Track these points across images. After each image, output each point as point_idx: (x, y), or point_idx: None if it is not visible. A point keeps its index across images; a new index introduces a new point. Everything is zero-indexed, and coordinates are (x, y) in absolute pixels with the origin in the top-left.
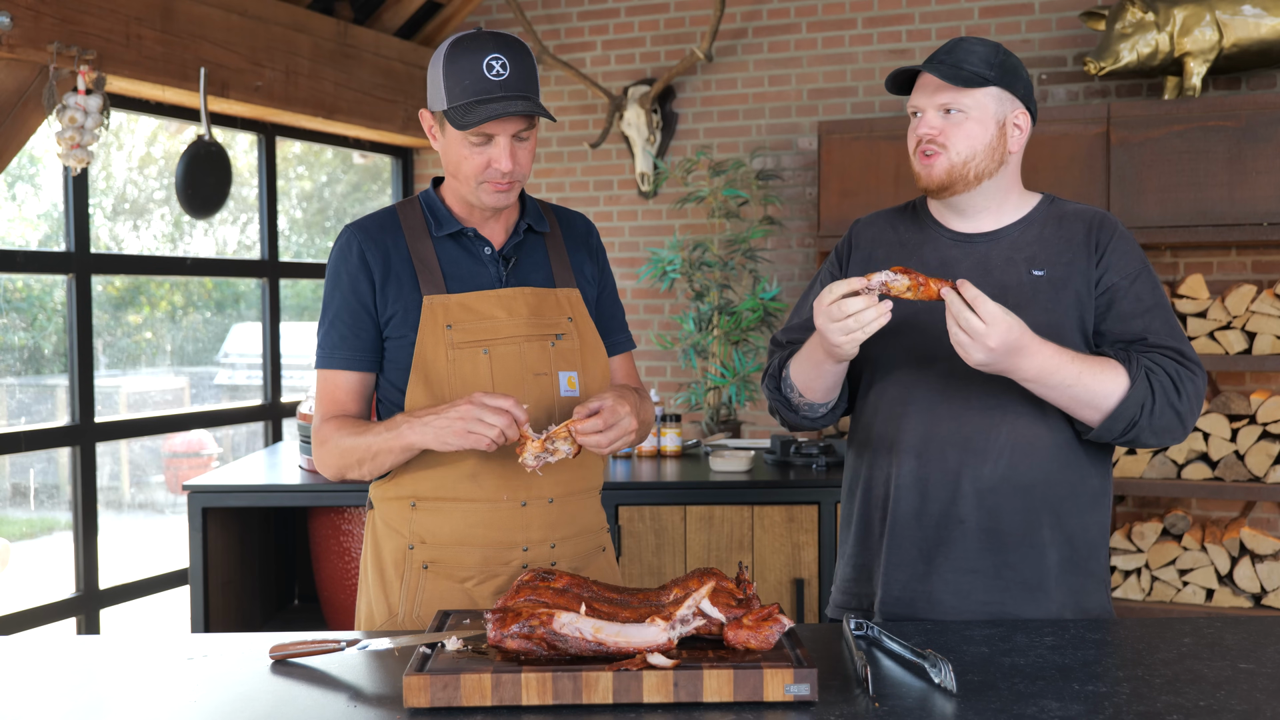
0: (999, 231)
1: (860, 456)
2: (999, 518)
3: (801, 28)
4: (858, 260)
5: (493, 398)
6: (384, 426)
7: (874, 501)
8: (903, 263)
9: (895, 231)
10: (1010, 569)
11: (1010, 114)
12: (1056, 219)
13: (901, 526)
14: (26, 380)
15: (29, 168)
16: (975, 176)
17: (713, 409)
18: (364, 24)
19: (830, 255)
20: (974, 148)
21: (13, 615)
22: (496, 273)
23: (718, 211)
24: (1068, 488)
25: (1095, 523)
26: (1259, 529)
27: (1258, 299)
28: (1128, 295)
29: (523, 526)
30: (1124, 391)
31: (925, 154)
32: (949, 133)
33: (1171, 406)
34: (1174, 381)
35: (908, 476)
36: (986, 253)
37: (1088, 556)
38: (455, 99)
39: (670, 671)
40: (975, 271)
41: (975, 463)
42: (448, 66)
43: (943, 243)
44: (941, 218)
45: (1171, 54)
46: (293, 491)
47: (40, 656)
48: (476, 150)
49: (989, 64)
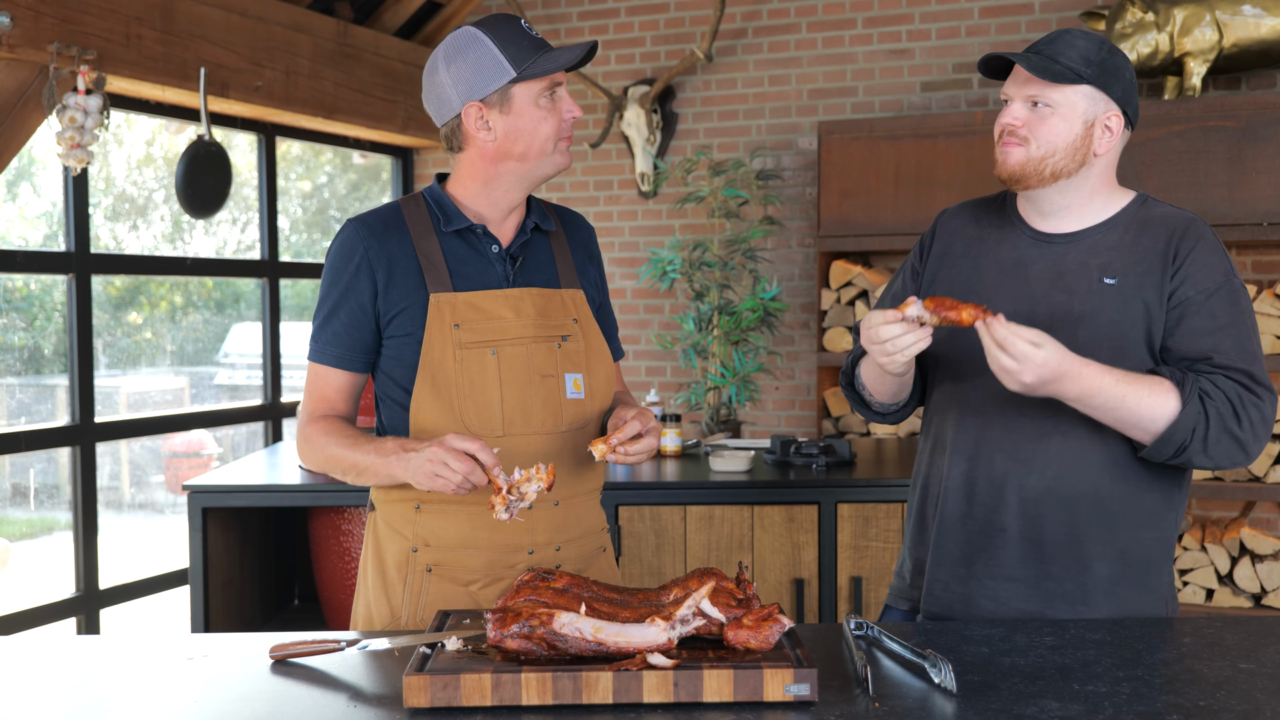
0: (1079, 234)
1: (924, 451)
2: (1041, 528)
3: (801, 28)
4: (937, 252)
5: (462, 440)
6: (374, 449)
7: (930, 498)
8: (977, 260)
9: (977, 225)
10: (1051, 580)
11: (1102, 115)
12: (1141, 224)
13: (947, 528)
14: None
15: (29, 168)
16: (1052, 174)
17: (713, 409)
18: (364, 24)
19: (916, 246)
20: (1055, 144)
21: (13, 615)
22: (504, 272)
23: (718, 211)
24: (1120, 502)
25: (1154, 538)
26: (1259, 529)
27: (1258, 299)
28: (1201, 311)
29: (528, 529)
30: (1173, 414)
31: (1005, 143)
32: (1032, 125)
33: (1229, 432)
34: (1234, 406)
35: (957, 479)
36: (1062, 255)
37: (1144, 572)
38: (523, 59)
39: (670, 671)
40: (1047, 274)
41: (1021, 471)
42: (496, 41)
43: (1022, 241)
44: (1025, 214)
45: (1171, 54)
46: (293, 491)
47: (40, 656)
48: (549, 108)
49: (1087, 60)
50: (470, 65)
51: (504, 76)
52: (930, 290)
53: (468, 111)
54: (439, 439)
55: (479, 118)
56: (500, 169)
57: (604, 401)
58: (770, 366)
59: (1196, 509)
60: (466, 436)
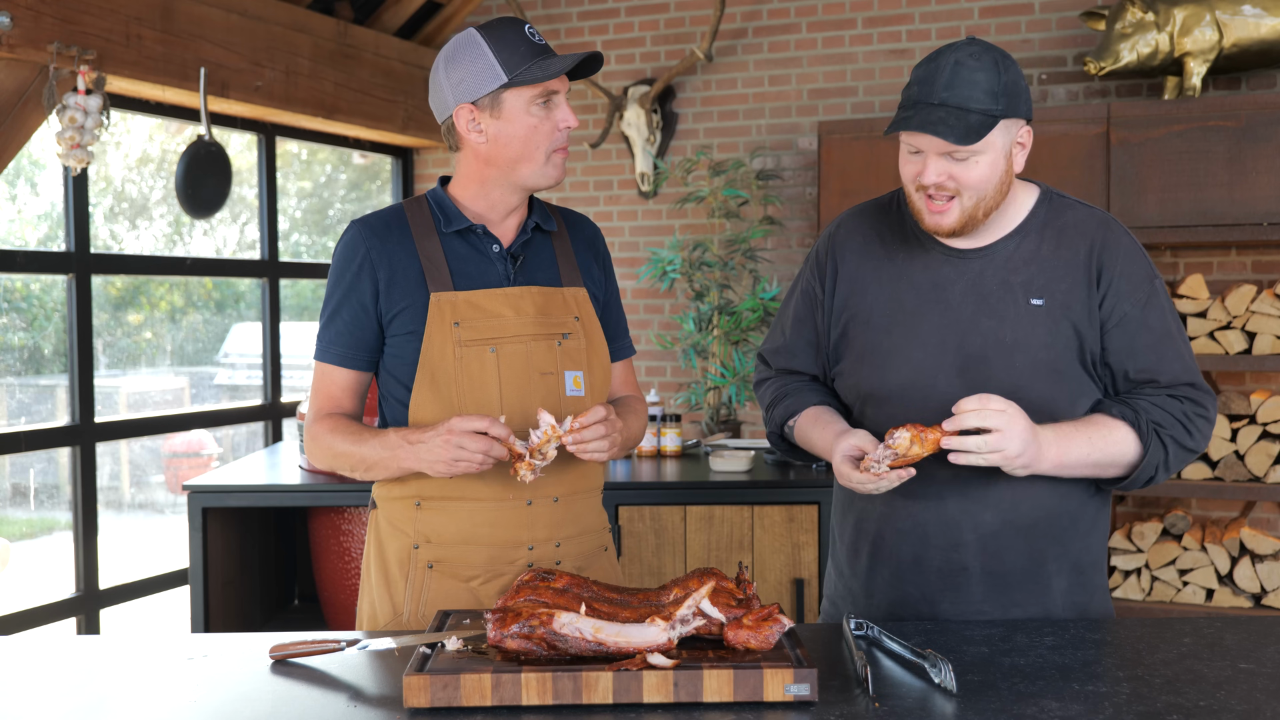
0: (994, 246)
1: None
2: (1003, 560)
3: (801, 28)
4: (845, 279)
5: (468, 420)
6: (379, 442)
7: (865, 533)
8: (893, 287)
9: (881, 243)
10: (1017, 606)
11: (1015, 136)
12: (1056, 231)
13: (904, 570)
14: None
15: (29, 168)
16: (985, 214)
17: (713, 409)
18: (364, 24)
19: (810, 262)
20: (985, 189)
21: (13, 615)
22: (504, 271)
23: (718, 211)
24: (1069, 518)
25: (1097, 542)
26: (1259, 529)
27: (1258, 299)
28: (1140, 326)
29: (528, 525)
30: (1136, 455)
31: (934, 207)
32: (959, 177)
33: (1183, 448)
34: (1184, 425)
35: (905, 521)
36: (980, 272)
37: (1094, 574)
38: (516, 65)
39: (670, 671)
40: (970, 298)
41: (975, 509)
42: (492, 45)
43: (934, 258)
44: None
45: (1171, 54)
46: (293, 491)
47: (40, 656)
48: (543, 116)
49: (994, 94)
50: (464, 68)
51: (495, 81)
52: (845, 323)
53: (459, 113)
54: (446, 426)
55: (471, 120)
56: (492, 171)
57: (604, 399)
58: None
59: (1196, 509)
60: (471, 416)
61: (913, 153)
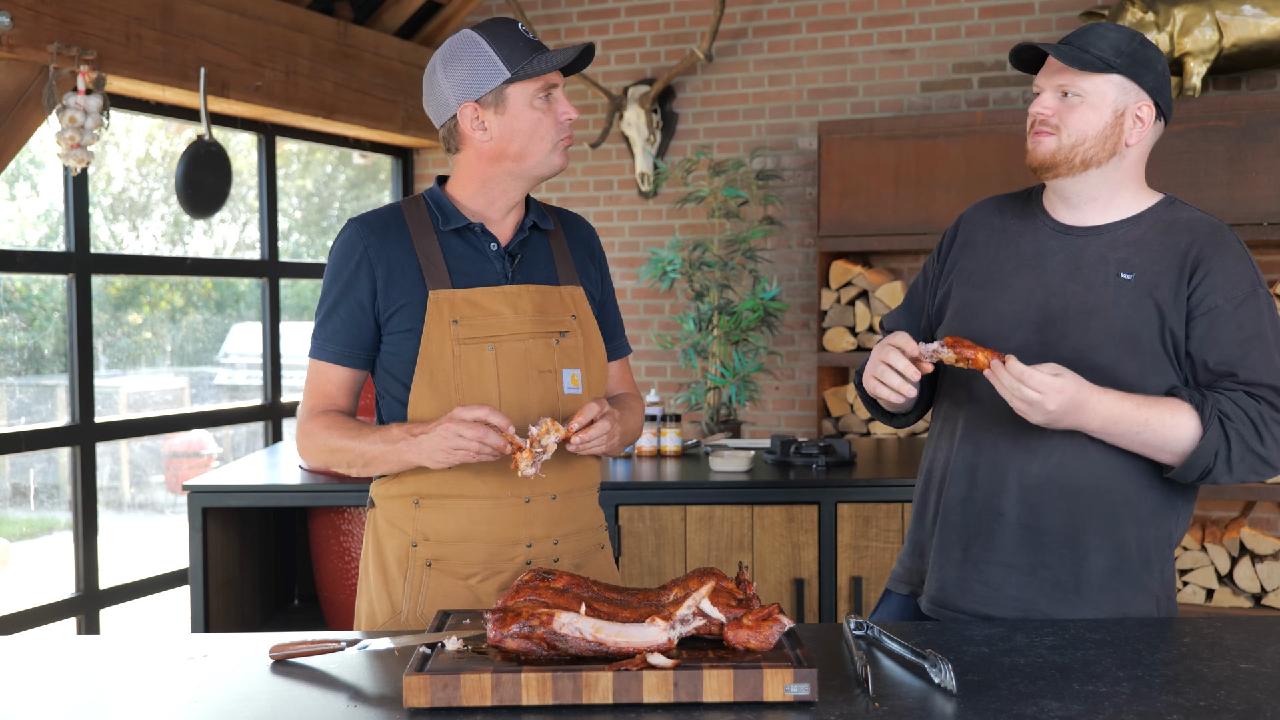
0: (1103, 227)
1: (931, 436)
2: (1040, 515)
3: (801, 28)
4: (959, 243)
5: (468, 410)
6: (379, 437)
7: (933, 482)
8: (997, 251)
9: (1001, 217)
10: (1046, 568)
11: (1133, 105)
12: (1166, 224)
13: (949, 511)
14: (26, 380)
15: (29, 168)
16: (1082, 162)
17: (713, 409)
18: (364, 24)
19: (938, 243)
20: (1085, 132)
21: (13, 615)
22: (502, 269)
23: (718, 211)
24: (1122, 496)
25: (1154, 536)
26: (1259, 529)
27: None
28: (1230, 320)
29: (526, 523)
30: (1194, 438)
31: (1036, 133)
32: (1062, 114)
33: (1252, 452)
34: (1256, 426)
35: (961, 464)
36: (1082, 247)
37: (1141, 569)
38: (517, 61)
39: (670, 671)
40: (1065, 266)
41: (1024, 458)
42: (491, 42)
43: (1044, 233)
44: (1050, 206)
45: (1171, 54)
46: (293, 491)
47: (40, 656)
48: (545, 109)
49: (1118, 51)
50: (466, 66)
51: (498, 77)
52: (950, 283)
53: (463, 112)
54: (448, 415)
55: (474, 118)
56: (497, 169)
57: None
58: (770, 366)
59: (1196, 509)
60: (472, 406)
61: (1035, 92)
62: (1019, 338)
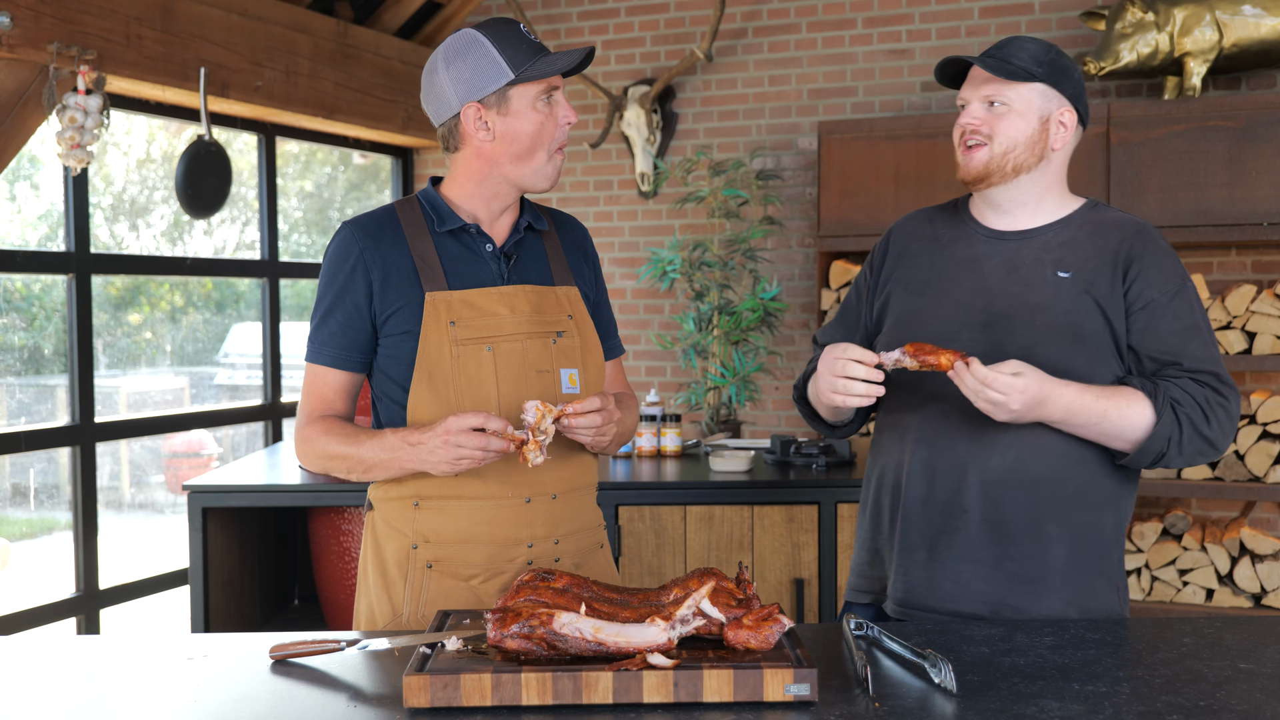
0: (1033, 231)
1: (878, 443)
2: (1003, 510)
3: (801, 28)
4: (893, 255)
5: (462, 418)
6: (377, 444)
7: (885, 487)
8: (934, 259)
9: (932, 226)
10: (1011, 561)
11: (1056, 111)
12: (1094, 225)
13: (910, 513)
14: (26, 380)
15: (29, 168)
16: (1014, 169)
17: (713, 409)
18: (364, 24)
19: (868, 257)
20: (1015, 139)
21: (13, 615)
22: (498, 270)
23: (718, 211)
24: (1076, 485)
25: (1109, 523)
26: (1259, 529)
27: (1258, 299)
28: (1166, 312)
29: (527, 523)
30: (1149, 426)
31: (967, 145)
32: (991, 124)
33: (1200, 435)
34: (1203, 410)
35: (918, 464)
36: (1017, 250)
37: (1098, 556)
38: (521, 62)
39: (670, 671)
40: (1003, 269)
41: (983, 454)
42: (495, 43)
43: (976, 239)
44: (979, 214)
45: (1171, 54)
46: (293, 491)
47: (40, 656)
48: (547, 112)
49: (1038, 61)
50: (470, 66)
51: (502, 78)
52: (888, 294)
53: (466, 112)
54: (443, 426)
55: (477, 118)
56: (495, 170)
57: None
58: (770, 366)
59: (1196, 509)
60: (466, 414)
61: (959, 106)
62: (964, 339)
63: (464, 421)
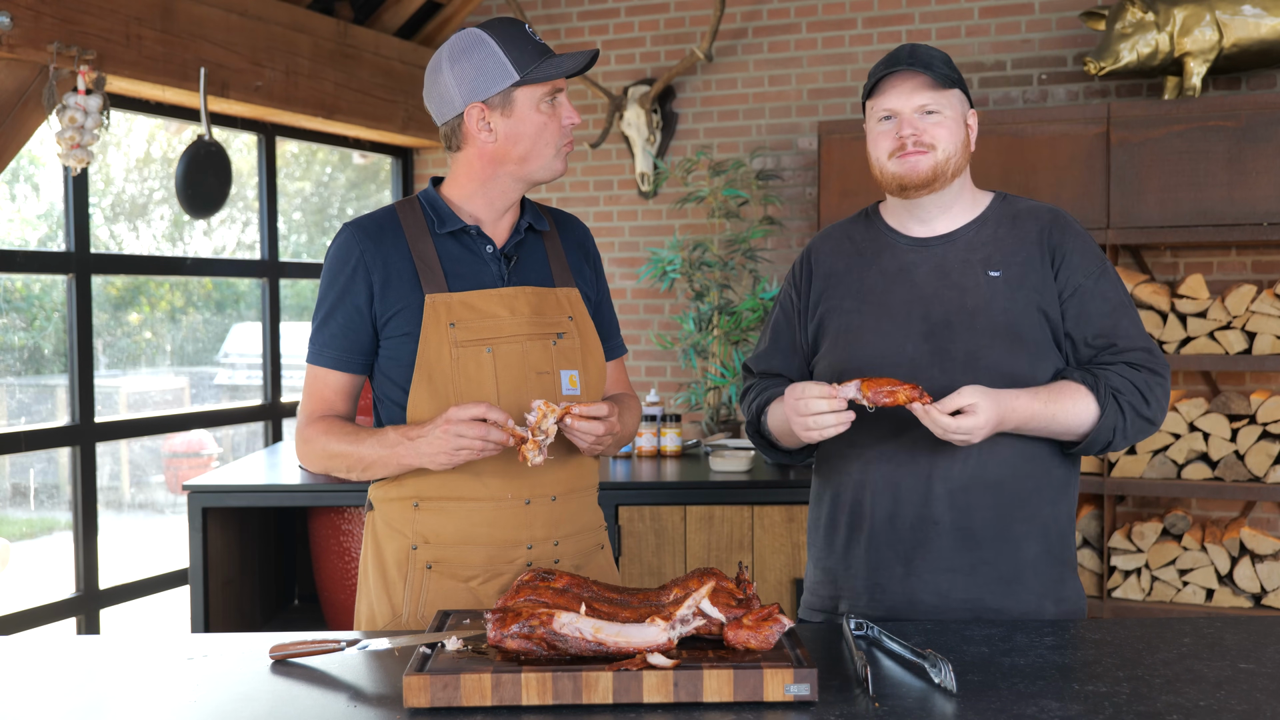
0: (954, 233)
1: (828, 463)
2: (971, 516)
3: (801, 28)
4: (819, 277)
5: (464, 409)
6: (376, 441)
7: (842, 506)
8: (862, 275)
9: (852, 242)
10: (986, 565)
11: (967, 113)
12: (1010, 218)
13: (877, 531)
14: (26, 380)
15: (29, 168)
16: (953, 174)
17: (713, 409)
18: (364, 24)
19: (787, 279)
20: (954, 145)
21: (13, 615)
22: (498, 271)
23: (718, 211)
24: (1034, 480)
25: (1065, 512)
26: (1259, 529)
27: (1258, 299)
28: (1094, 295)
29: (527, 524)
30: (1094, 419)
31: (908, 154)
32: (931, 131)
33: (1141, 417)
34: (1142, 393)
35: (880, 481)
36: (943, 255)
37: (1062, 546)
38: (526, 64)
39: (670, 671)
40: (934, 275)
41: (945, 463)
42: (501, 43)
43: (900, 249)
44: (898, 224)
45: (1171, 54)
46: (293, 491)
47: (40, 656)
48: (550, 113)
49: (948, 66)
50: (474, 66)
51: (507, 79)
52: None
53: (470, 112)
54: (444, 417)
55: (481, 119)
56: (498, 170)
57: (599, 398)
58: None
59: (1196, 509)
60: (466, 404)
61: (883, 119)
62: (909, 350)
63: (466, 411)
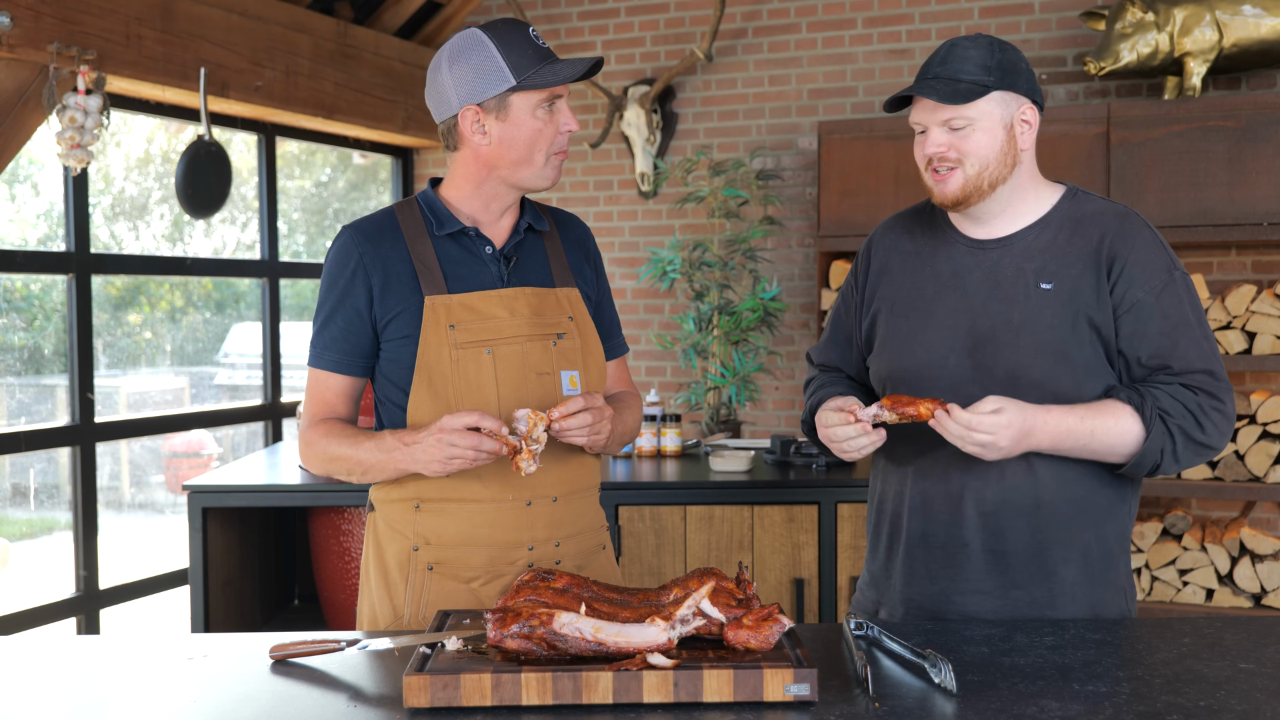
0: (1013, 236)
1: (876, 466)
2: (1004, 539)
3: (801, 28)
4: (875, 270)
5: (457, 417)
6: (375, 445)
7: (885, 515)
8: (915, 275)
9: (911, 239)
10: (1018, 589)
11: (1016, 113)
12: (1074, 221)
13: (912, 546)
14: (26, 380)
15: (29, 168)
16: (990, 185)
17: (713, 409)
18: (364, 24)
19: (852, 265)
20: (986, 158)
21: (13, 615)
22: (498, 272)
23: (718, 211)
24: (1075, 504)
25: (1113, 533)
26: (1259, 529)
27: (1258, 299)
28: (1153, 312)
29: (528, 526)
30: (1139, 441)
31: (937, 171)
32: (958, 146)
33: (1195, 441)
34: (1195, 417)
35: (916, 497)
36: (997, 261)
37: (1105, 568)
38: (524, 69)
39: (670, 671)
40: (985, 283)
41: (977, 485)
42: (500, 47)
43: (957, 250)
44: (958, 223)
45: (1171, 54)
46: (293, 491)
47: (40, 656)
48: (546, 119)
49: (986, 68)
50: (472, 68)
51: (504, 84)
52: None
53: (464, 114)
54: (437, 425)
55: (475, 121)
56: (491, 174)
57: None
58: (770, 366)
59: (1196, 509)
60: (461, 413)
61: (919, 132)
62: (952, 364)
63: (459, 420)
